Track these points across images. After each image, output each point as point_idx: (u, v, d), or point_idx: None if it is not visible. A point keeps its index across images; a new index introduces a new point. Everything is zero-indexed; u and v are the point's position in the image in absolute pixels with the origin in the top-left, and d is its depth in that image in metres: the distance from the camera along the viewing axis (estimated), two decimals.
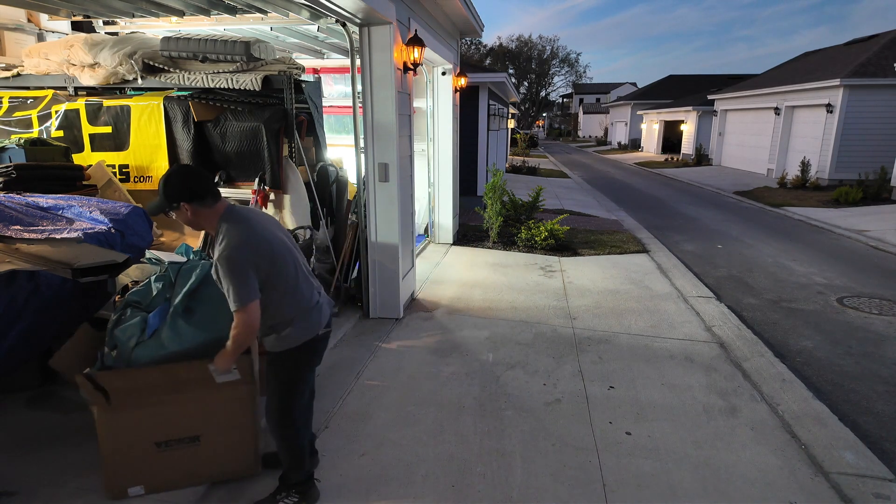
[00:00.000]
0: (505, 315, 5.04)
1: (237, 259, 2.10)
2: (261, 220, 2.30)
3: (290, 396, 2.39)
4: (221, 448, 2.53)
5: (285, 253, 2.28)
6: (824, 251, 8.26)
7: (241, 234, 2.15)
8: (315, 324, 2.36)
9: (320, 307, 2.41)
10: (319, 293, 2.47)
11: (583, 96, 65.25)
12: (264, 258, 2.17)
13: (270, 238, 2.23)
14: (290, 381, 2.38)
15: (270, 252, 2.20)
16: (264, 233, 2.22)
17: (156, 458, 2.45)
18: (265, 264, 2.17)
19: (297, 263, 2.36)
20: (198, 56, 4.16)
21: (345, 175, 5.14)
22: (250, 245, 2.15)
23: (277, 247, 2.24)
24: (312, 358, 2.44)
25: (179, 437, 2.45)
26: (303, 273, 2.39)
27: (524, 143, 30.53)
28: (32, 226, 3.00)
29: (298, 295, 2.32)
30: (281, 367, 2.37)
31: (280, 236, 2.32)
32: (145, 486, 2.47)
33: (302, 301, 2.33)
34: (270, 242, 2.22)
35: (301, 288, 2.34)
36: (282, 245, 2.28)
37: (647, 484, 2.73)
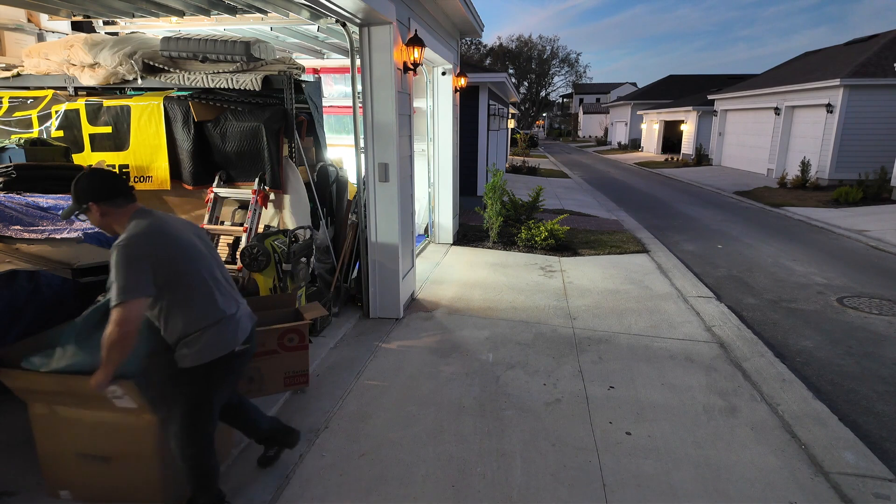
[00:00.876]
0: (505, 315, 5.04)
1: (132, 248, 1.98)
2: (172, 220, 2.22)
3: (196, 418, 2.19)
4: (129, 473, 2.40)
5: (196, 256, 2.17)
6: (824, 251, 8.26)
7: (144, 227, 2.06)
8: (230, 339, 2.19)
9: (238, 320, 2.24)
10: (239, 306, 2.33)
11: (583, 96, 65.26)
12: (168, 256, 2.06)
13: (179, 238, 2.13)
14: (197, 401, 2.18)
15: (177, 251, 2.09)
16: (172, 231, 2.13)
17: (78, 468, 2.41)
18: (169, 263, 2.06)
19: (212, 270, 2.23)
20: (198, 56, 4.16)
21: (345, 175, 5.14)
22: (151, 238, 2.04)
23: (187, 248, 2.14)
24: (227, 376, 2.25)
25: (94, 454, 2.38)
26: (219, 282, 2.25)
27: (524, 143, 30.55)
28: (32, 226, 3.01)
29: (210, 304, 2.17)
30: (188, 385, 2.16)
31: (192, 239, 2.21)
32: (72, 493, 2.46)
33: (214, 311, 2.17)
34: (178, 241, 2.12)
35: (214, 297, 2.19)
36: (193, 248, 2.17)
37: (647, 484, 2.73)
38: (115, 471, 2.39)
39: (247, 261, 3.85)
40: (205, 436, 2.25)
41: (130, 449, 2.35)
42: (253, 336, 2.36)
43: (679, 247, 8.47)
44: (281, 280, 3.97)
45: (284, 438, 2.74)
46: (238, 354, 2.24)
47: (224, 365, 2.20)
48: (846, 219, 10.70)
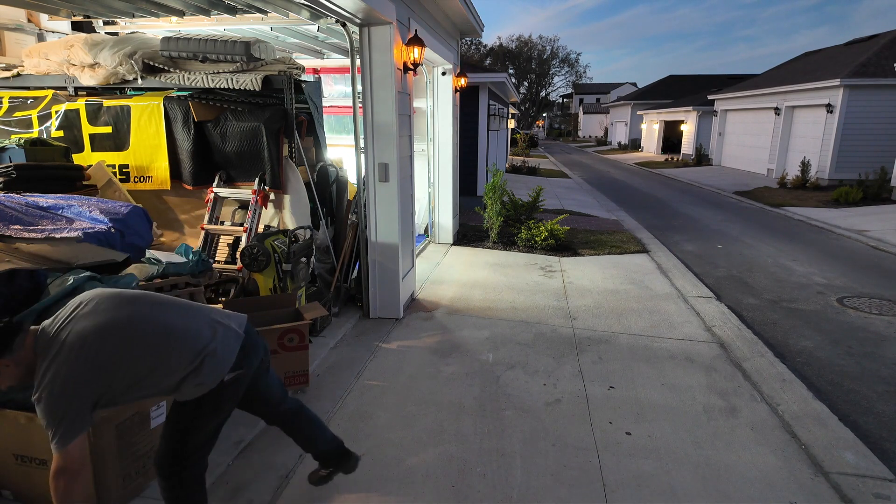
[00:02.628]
0: (505, 315, 5.04)
1: (53, 392, 1.66)
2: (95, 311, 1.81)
3: (181, 444, 2.01)
4: None
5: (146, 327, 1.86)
6: (824, 251, 8.26)
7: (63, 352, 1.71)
8: (210, 376, 1.92)
9: (213, 353, 1.93)
10: (214, 334, 1.98)
11: (583, 96, 65.27)
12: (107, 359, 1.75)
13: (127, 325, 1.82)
14: (185, 430, 2.00)
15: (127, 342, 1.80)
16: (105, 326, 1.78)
17: (16, 469, 2.40)
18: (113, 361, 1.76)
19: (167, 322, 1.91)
20: (198, 56, 4.16)
21: (345, 175, 5.14)
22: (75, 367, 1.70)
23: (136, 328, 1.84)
24: (219, 405, 2.00)
25: (31, 456, 2.34)
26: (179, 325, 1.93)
27: (524, 143, 30.55)
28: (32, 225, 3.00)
29: (175, 359, 1.87)
30: (178, 413, 1.99)
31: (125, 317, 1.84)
32: (13, 493, 2.45)
33: (184, 362, 1.88)
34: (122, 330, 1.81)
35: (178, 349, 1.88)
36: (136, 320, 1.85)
37: (647, 484, 2.73)
38: None
39: (247, 261, 3.85)
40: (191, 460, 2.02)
41: None
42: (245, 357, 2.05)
43: (679, 247, 8.47)
44: (281, 280, 3.97)
45: (340, 461, 2.50)
46: (229, 383, 1.98)
47: (215, 396, 1.96)
48: (846, 219, 10.70)
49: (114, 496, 2.42)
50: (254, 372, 2.10)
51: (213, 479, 2.66)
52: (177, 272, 3.39)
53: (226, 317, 2.09)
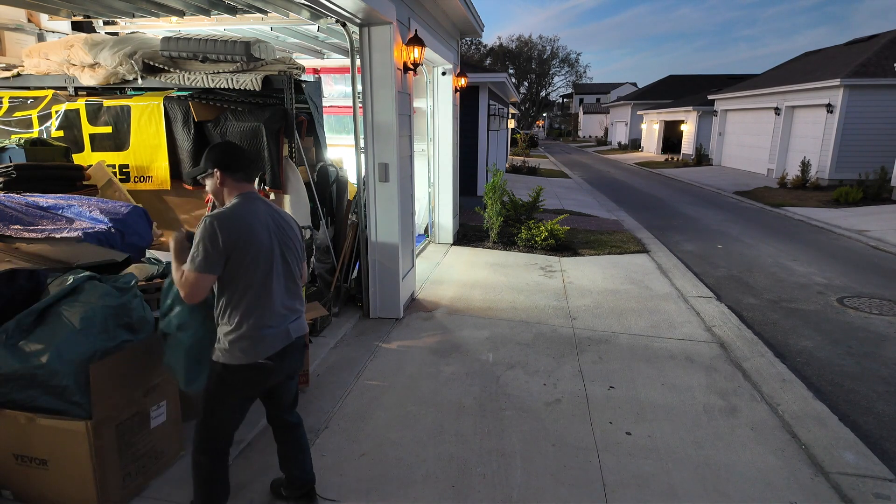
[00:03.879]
0: (505, 315, 5.04)
1: (212, 228, 2.02)
2: (264, 214, 2.18)
3: (209, 415, 2.22)
4: (65, 479, 2.37)
5: (263, 254, 2.12)
6: (824, 251, 8.26)
7: (233, 209, 2.12)
8: (260, 349, 2.13)
9: (278, 334, 2.17)
10: (294, 320, 2.25)
11: (583, 96, 65.26)
12: (239, 243, 2.05)
13: (259, 233, 2.12)
14: (211, 398, 2.21)
15: (248, 241, 2.08)
16: (255, 224, 2.12)
17: (16, 469, 2.41)
18: (240, 253, 2.06)
19: (279, 276, 2.19)
20: (198, 56, 4.16)
21: (345, 175, 5.14)
22: (232, 221, 2.07)
23: (259, 243, 2.11)
24: (244, 385, 2.19)
25: (31, 456, 2.37)
26: (284, 289, 2.21)
27: (524, 143, 30.56)
28: (32, 225, 3.00)
29: (262, 305, 2.13)
30: (210, 380, 2.20)
31: (272, 239, 2.17)
32: (13, 493, 2.46)
33: (262, 314, 2.13)
34: (252, 233, 2.10)
35: (271, 300, 2.15)
36: (263, 245, 2.13)
37: (648, 484, 2.73)
38: (54, 475, 2.38)
39: None
40: (216, 442, 2.24)
41: (67, 453, 2.34)
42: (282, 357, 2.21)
43: (679, 247, 8.47)
44: None
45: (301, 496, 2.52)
46: (261, 367, 2.15)
47: (243, 375, 2.15)
48: (846, 219, 10.70)
49: (114, 496, 2.42)
50: (283, 375, 2.29)
51: None
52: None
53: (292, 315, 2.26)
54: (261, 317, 2.12)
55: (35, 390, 2.32)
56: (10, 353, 2.30)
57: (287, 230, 2.26)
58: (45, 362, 2.28)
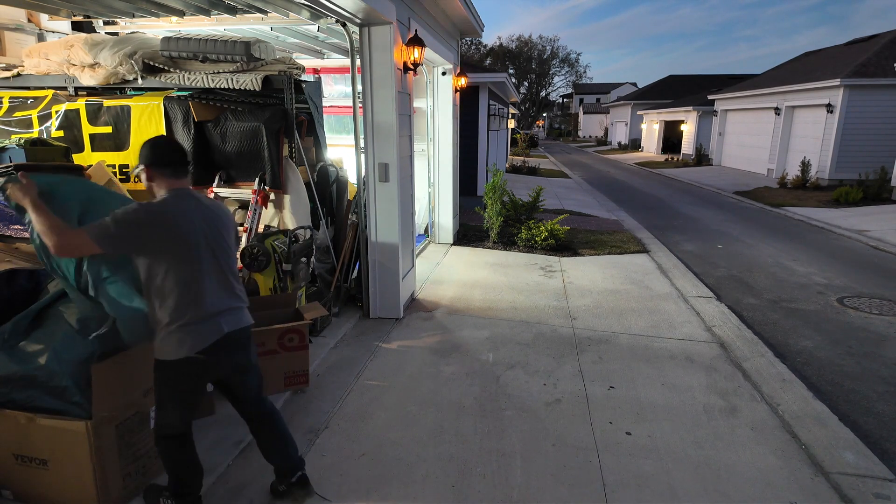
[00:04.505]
0: (505, 315, 5.04)
1: (136, 210, 2.08)
2: (192, 208, 2.19)
3: (159, 407, 2.27)
4: (65, 479, 2.38)
5: (188, 252, 2.14)
6: (824, 251, 8.26)
7: (160, 205, 2.15)
8: (188, 343, 2.13)
9: (205, 329, 2.16)
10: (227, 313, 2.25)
11: (583, 96, 65.26)
12: (159, 238, 2.09)
13: (184, 225, 2.14)
14: (157, 392, 2.26)
15: (170, 238, 2.10)
16: (180, 221, 2.13)
17: (15, 469, 2.42)
18: (156, 245, 2.09)
19: (210, 269, 2.20)
20: (198, 56, 4.16)
21: (345, 175, 5.15)
22: (157, 216, 2.10)
23: (183, 241, 2.13)
24: (177, 380, 2.21)
25: (32, 456, 2.38)
26: (216, 282, 2.22)
27: (524, 143, 30.56)
28: None
29: (191, 299, 2.14)
30: (154, 375, 2.25)
31: (203, 233, 2.19)
32: (13, 493, 2.46)
33: (190, 307, 2.13)
34: (177, 231, 2.12)
35: (201, 293, 2.16)
36: (189, 243, 2.14)
37: (648, 484, 2.73)
38: (54, 475, 2.39)
39: (247, 261, 3.85)
40: (170, 429, 2.27)
41: (67, 453, 2.35)
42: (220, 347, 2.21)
43: (679, 247, 8.47)
44: (281, 280, 3.97)
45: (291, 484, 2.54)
46: (194, 361, 2.15)
47: (177, 369, 2.17)
48: (846, 219, 10.69)
49: (114, 496, 2.42)
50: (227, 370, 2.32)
51: (213, 478, 2.67)
52: None
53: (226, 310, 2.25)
54: (189, 313, 2.14)
55: (35, 391, 2.32)
56: (8, 354, 2.31)
57: (218, 225, 2.28)
58: (44, 363, 2.28)
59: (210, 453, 2.80)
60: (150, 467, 2.61)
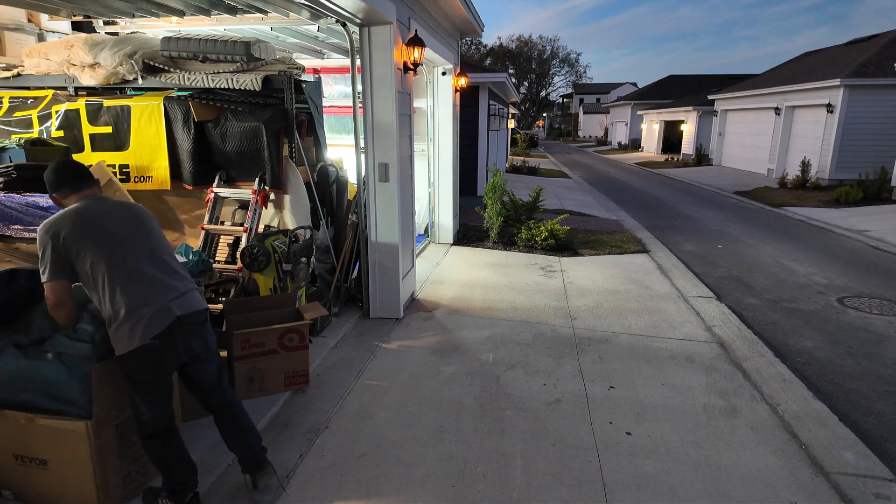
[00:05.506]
0: (505, 315, 5.04)
1: (41, 235, 2.16)
2: (103, 210, 2.27)
3: (133, 406, 2.31)
4: (65, 479, 2.38)
5: (119, 242, 2.21)
6: (824, 251, 8.25)
7: (60, 216, 2.19)
8: (141, 331, 2.16)
9: (156, 312, 2.19)
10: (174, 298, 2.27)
11: (583, 96, 65.26)
12: (79, 241, 2.14)
13: (102, 225, 2.21)
14: (128, 392, 2.31)
15: (93, 237, 2.17)
16: (93, 219, 2.21)
17: (16, 469, 2.42)
18: (79, 248, 2.14)
19: (141, 259, 2.25)
20: (198, 56, 4.16)
21: (345, 175, 5.14)
22: (60, 227, 2.15)
23: (110, 235, 2.20)
24: (139, 370, 2.24)
25: (31, 456, 2.38)
26: (152, 269, 2.26)
27: (524, 143, 30.55)
28: (33, 225, 3.00)
29: (130, 289, 2.18)
30: (120, 374, 2.28)
31: (123, 227, 2.26)
32: (13, 493, 2.46)
33: (131, 297, 2.17)
34: (96, 229, 2.19)
35: (137, 283, 2.20)
36: (118, 235, 2.22)
37: (648, 484, 2.73)
38: (55, 475, 2.39)
39: (247, 261, 3.85)
40: (150, 427, 2.31)
41: (67, 453, 2.34)
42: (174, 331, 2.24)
43: (679, 247, 8.47)
44: (281, 280, 3.97)
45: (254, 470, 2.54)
46: (146, 349, 2.18)
47: (135, 359, 2.20)
48: (846, 219, 10.69)
49: (114, 496, 2.42)
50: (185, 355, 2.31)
51: (213, 478, 2.67)
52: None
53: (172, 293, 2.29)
54: (133, 300, 2.17)
55: (35, 391, 2.32)
56: (9, 353, 2.31)
57: (133, 215, 2.36)
58: (45, 363, 2.28)
59: (210, 453, 2.81)
60: (150, 467, 2.61)
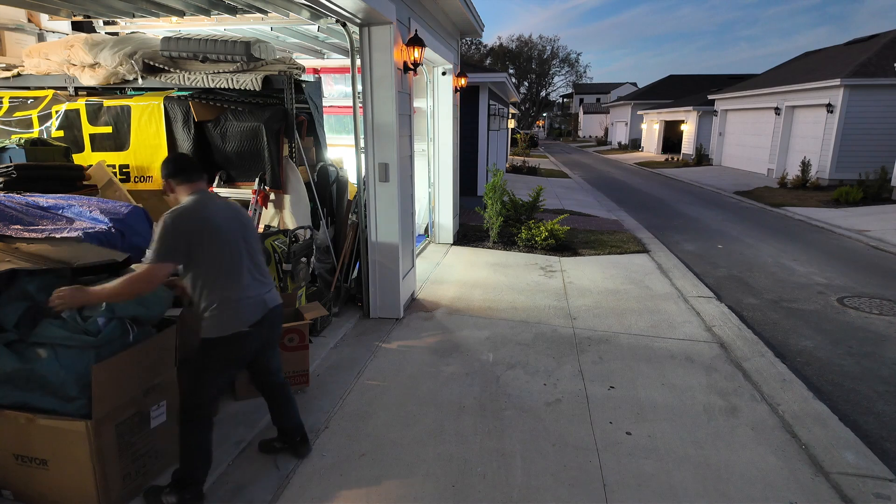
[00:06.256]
0: (505, 315, 5.04)
1: (174, 222, 2.29)
2: (218, 207, 2.47)
3: (195, 385, 2.44)
4: (65, 479, 2.39)
5: (230, 239, 2.42)
6: (825, 251, 8.25)
7: (186, 206, 2.37)
8: (241, 318, 2.40)
9: (254, 304, 2.45)
10: (267, 292, 2.54)
11: (583, 96, 65.23)
12: (201, 233, 2.33)
13: (218, 221, 2.39)
14: (200, 370, 2.44)
15: (211, 230, 2.35)
16: (211, 214, 2.39)
17: (16, 469, 2.42)
18: (200, 238, 2.33)
19: (244, 255, 2.47)
20: (198, 56, 4.16)
21: (345, 175, 5.14)
22: (187, 216, 2.33)
23: (223, 231, 2.39)
24: (229, 354, 2.44)
25: (31, 456, 2.39)
26: (250, 266, 2.49)
27: (524, 143, 30.54)
28: (33, 225, 3.00)
29: (234, 281, 2.40)
30: (198, 353, 2.44)
31: (232, 225, 2.45)
32: (13, 493, 2.46)
33: (235, 288, 2.40)
34: (214, 223, 2.37)
35: (240, 276, 2.43)
36: (229, 232, 2.42)
37: (648, 484, 2.72)
38: (54, 475, 2.39)
39: None
40: (202, 410, 2.43)
41: (67, 453, 2.35)
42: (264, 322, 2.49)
43: (679, 247, 8.47)
44: (281, 280, 3.97)
45: (296, 444, 2.87)
46: (245, 336, 2.42)
47: (229, 343, 2.40)
48: (846, 219, 10.69)
49: (114, 496, 2.42)
50: (262, 343, 2.55)
51: (213, 478, 2.67)
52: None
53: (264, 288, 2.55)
54: (235, 290, 2.40)
55: (35, 390, 2.32)
56: (9, 352, 2.31)
57: (242, 217, 2.58)
58: (45, 362, 2.28)
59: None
60: (151, 467, 2.61)
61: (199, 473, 2.46)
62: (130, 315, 2.49)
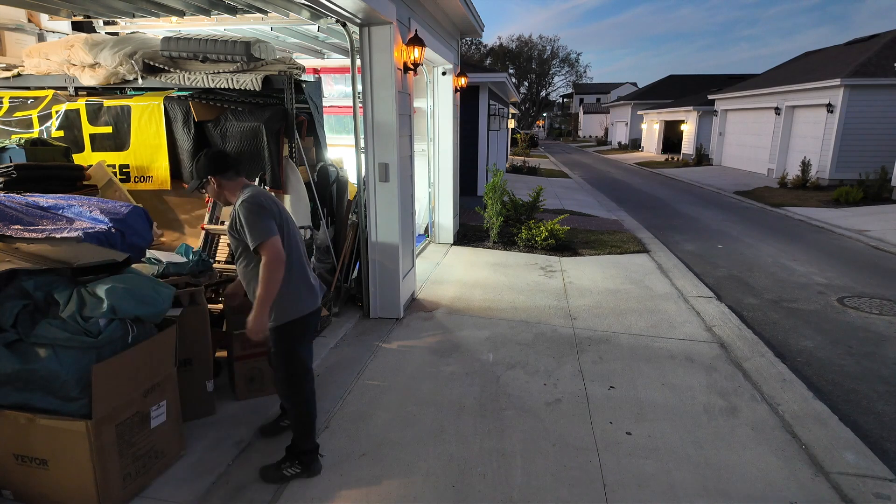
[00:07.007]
0: (505, 315, 5.04)
1: (257, 203, 2.41)
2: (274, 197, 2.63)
3: (292, 366, 2.62)
4: (65, 479, 2.39)
5: (293, 229, 2.60)
6: (825, 251, 8.25)
7: (258, 193, 2.50)
8: (309, 302, 2.63)
9: (314, 288, 2.69)
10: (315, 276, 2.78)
11: (583, 96, 65.23)
12: (281, 216, 2.48)
13: (282, 209, 2.55)
14: (288, 352, 2.62)
15: (287, 217, 2.54)
16: (277, 202, 2.56)
17: (16, 469, 2.42)
18: (281, 222, 2.47)
19: (300, 243, 2.66)
20: (198, 56, 4.16)
21: (345, 175, 5.14)
22: (265, 201, 2.46)
23: (287, 217, 2.56)
24: (305, 333, 2.66)
25: (32, 456, 2.39)
26: (304, 253, 2.68)
27: (524, 143, 30.53)
28: (32, 225, 3.00)
29: (301, 268, 2.60)
30: (278, 341, 2.59)
31: (287, 215, 2.61)
32: (13, 493, 2.46)
33: (303, 276, 2.61)
34: (286, 212, 2.56)
35: (303, 263, 2.63)
36: (289, 219, 2.59)
37: (648, 484, 2.72)
38: (55, 475, 2.39)
39: None
40: (306, 384, 2.66)
41: (67, 453, 2.35)
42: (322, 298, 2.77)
43: (679, 247, 8.47)
44: None
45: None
46: (314, 313, 2.66)
47: (303, 323, 2.60)
48: (846, 219, 10.69)
49: (114, 496, 2.42)
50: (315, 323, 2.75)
51: (214, 478, 2.67)
52: (177, 272, 3.39)
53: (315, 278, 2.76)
54: (306, 274, 2.63)
55: (35, 391, 2.32)
56: (10, 352, 2.31)
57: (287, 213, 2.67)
58: (45, 362, 2.28)
59: (210, 453, 2.81)
60: (151, 467, 2.61)
61: (312, 434, 2.70)
62: (132, 315, 2.49)
